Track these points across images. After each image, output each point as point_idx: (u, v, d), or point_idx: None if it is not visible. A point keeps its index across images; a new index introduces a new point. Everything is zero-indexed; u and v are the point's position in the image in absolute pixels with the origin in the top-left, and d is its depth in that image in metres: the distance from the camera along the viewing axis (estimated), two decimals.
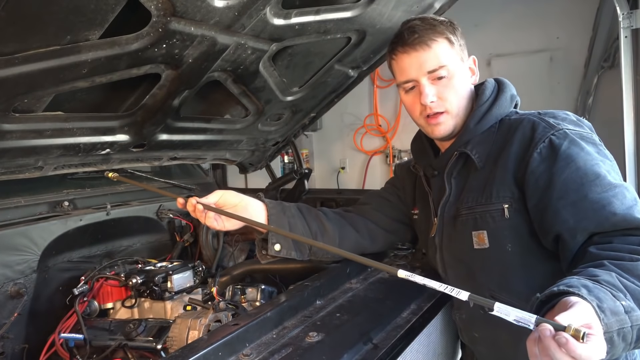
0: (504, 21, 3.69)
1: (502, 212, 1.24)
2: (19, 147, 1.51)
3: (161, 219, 2.25)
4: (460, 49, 1.34)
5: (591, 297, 0.85)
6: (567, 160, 1.15)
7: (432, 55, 1.29)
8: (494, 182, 1.26)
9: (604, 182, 1.11)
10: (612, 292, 0.90)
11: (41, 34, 1.12)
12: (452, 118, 1.33)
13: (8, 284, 1.64)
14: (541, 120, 1.24)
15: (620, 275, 0.95)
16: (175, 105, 1.74)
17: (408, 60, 1.31)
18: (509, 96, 1.36)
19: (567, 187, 1.13)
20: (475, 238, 1.30)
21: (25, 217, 1.81)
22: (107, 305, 1.76)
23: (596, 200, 1.09)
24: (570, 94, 3.56)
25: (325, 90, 2.31)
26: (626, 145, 2.66)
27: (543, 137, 1.20)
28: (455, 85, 1.32)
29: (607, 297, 0.88)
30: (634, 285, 0.94)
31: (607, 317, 0.84)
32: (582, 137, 1.20)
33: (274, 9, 1.47)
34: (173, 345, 1.43)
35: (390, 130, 4.46)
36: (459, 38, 1.34)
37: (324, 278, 1.50)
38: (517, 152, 1.23)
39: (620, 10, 2.62)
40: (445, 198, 1.39)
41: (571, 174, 1.14)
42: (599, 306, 0.84)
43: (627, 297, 0.91)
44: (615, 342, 0.86)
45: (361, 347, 1.18)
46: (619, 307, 0.88)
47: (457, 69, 1.32)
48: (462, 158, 1.36)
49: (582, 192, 1.11)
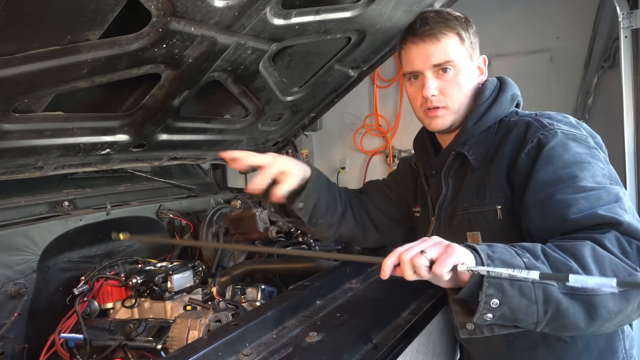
0: (504, 21, 3.69)
1: (495, 213, 1.23)
2: (19, 147, 1.51)
3: (161, 219, 2.24)
4: (470, 47, 1.33)
5: (486, 249, 0.94)
6: (548, 160, 1.14)
7: (440, 49, 1.28)
8: (488, 183, 1.25)
9: (577, 185, 1.08)
10: (517, 251, 0.96)
11: (41, 34, 1.12)
12: (452, 114, 1.33)
13: (8, 284, 1.64)
14: (535, 121, 1.23)
15: (549, 248, 0.98)
16: (175, 105, 1.74)
17: (416, 51, 1.31)
18: (509, 96, 1.35)
19: (540, 186, 1.12)
20: (470, 239, 1.29)
21: (25, 217, 1.81)
22: (107, 305, 1.75)
23: (562, 200, 1.08)
24: (570, 94, 3.56)
25: (325, 90, 2.31)
26: (626, 145, 2.66)
27: (532, 137, 1.19)
28: (460, 82, 1.31)
29: (506, 252, 0.95)
30: (558, 255, 0.95)
31: (493, 264, 0.92)
32: (574, 138, 1.18)
33: (274, 9, 1.47)
34: (173, 345, 1.43)
35: (390, 130, 4.46)
36: (471, 35, 1.33)
37: (324, 278, 1.50)
38: (510, 153, 1.23)
39: (620, 10, 2.62)
40: (442, 197, 1.39)
41: (547, 174, 1.13)
42: (489, 255, 0.93)
43: (539, 261, 0.94)
44: (507, 291, 0.91)
45: (361, 347, 1.19)
46: (517, 261, 0.93)
47: (463, 66, 1.31)
48: (459, 158, 1.36)
49: (552, 191, 1.10)
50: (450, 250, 0.92)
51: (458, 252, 0.92)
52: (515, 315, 0.94)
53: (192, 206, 2.43)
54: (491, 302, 0.91)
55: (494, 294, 0.91)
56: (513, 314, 0.94)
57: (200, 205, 2.48)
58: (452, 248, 0.93)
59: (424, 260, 0.92)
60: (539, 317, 0.94)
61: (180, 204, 2.38)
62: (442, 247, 0.93)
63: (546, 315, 0.94)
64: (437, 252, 0.92)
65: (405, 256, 0.93)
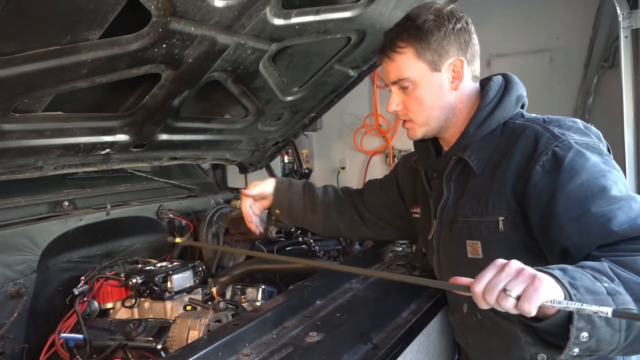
0: (504, 21, 3.69)
1: (496, 224, 1.20)
2: (19, 147, 1.51)
3: (161, 219, 2.24)
4: (434, 54, 1.25)
5: (564, 276, 0.86)
6: (571, 173, 1.10)
7: (394, 67, 1.28)
8: (491, 191, 1.22)
9: (608, 195, 1.06)
10: (594, 275, 0.90)
11: (41, 34, 1.12)
12: (419, 127, 1.33)
13: (8, 284, 1.64)
14: (545, 130, 1.18)
15: (614, 266, 0.94)
16: (175, 105, 1.74)
17: (383, 66, 1.33)
18: (514, 97, 1.29)
19: (570, 201, 1.08)
20: (469, 247, 1.26)
21: (25, 217, 1.81)
22: (107, 305, 1.75)
23: (601, 214, 1.05)
24: (570, 94, 3.56)
25: (325, 90, 2.31)
26: (626, 145, 2.67)
27: (546, 149, 1.14)
28: (420, 97, 1.28)
29: (584, 277, 0.88)
30: (628, 275, 0.92)
31: (580, 294, 0.84)
32: (587, 147, 1.14)
33: (274, 9, 1.47)
34: (173, 345, 1.42)
35: (390, 130, 4.46)
36: (438, 40, 1.24)
37: (324, 278, 1.50)
38: (519, 163, 1.17)
39: (620, 10, 2.62)
40: (443, 201, 1.36)
41: (575, 187, 1.09)
42: (571, 283, 0.85)
43: (615, 283, 0.90)
44: (596, 323, 0.85)
45: (361, 347, 1.19)
46: (598, 287, 0.87)
47: (422, 80, 1.26)
48: (461, 162, 1.32)
49: (586, 206, 1.07)
50: (538, 283, 0.83)
51: (545, 285, 0.83)
52: (600, 346, 0.88)
53: (192, 206, 2.43)
54: (581, 337, 0.86)
55: (584, 327, 0.85)
56: (598, 345, 0.88)
57: (200, 205, 2.48)
58: (539, 280, 0.83)
59: (511, 301, 0.83)
60: (619, 344, 0.89)
61: (180, 204, 2.38)
62: (528, 280, 0.84)
63: (626, 341, 0.90)
64: (522, 288, 0.83)
65: (490, 299, 0.85)
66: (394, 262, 1.79)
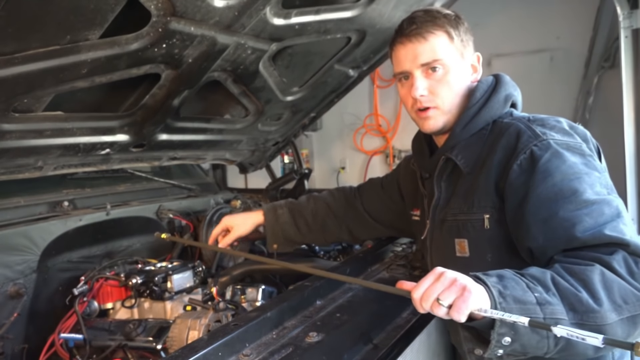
0: (504, 21, 3.69)
1: (482, 222, 1.20)
2: (19, 147, 1.51)
3: (161, 219, 2.24)
4: (461, 44, 1.28)
5: (497, 284, 0.93)
6: (545, 174, 1.10)
7: (428, 48, 1.25)
8: (477, 190, 1.22)
9: (579, 199, 1.06)
10: (530, 284, 0.94)
11: (41, 34, 1.12)
12: (443, 114, 1.29)
13: (8, 284, 1.64)
14: (527, 128, 1.18)
15: (559, 274, 0.96)
16: (175, 105, 1.74)
17: (404, 52, 1.28)
18: (502, 97, 1.28)
19: (540, 203, 1.09)
20: (457, 246, 1.27)
21: (25, 217, 1.81)
22: (107, 306, 1.76)
23: (567, 218, 1.05)
24: (570, 94, 3.56)
25: (325, 90, 2.31)
26: (626, 145, 2.66)
27: (525, 148, 1.14)
28: (450, 81, 1.27)
29: (517, 287, 0.93)
30: (568, 285, 0.94)
31: (506, 303, 0.90)
32: (568, 148, 1.14)
33: (274, 8, 1.47)
34: (173, 345, 1.43)
35: (390, 130, 4.46)
36: (462, 33, 1.28)
37: (324, 278, 1.50)
38: (501, 160, 1.18)
39: (621, 10, 2.62)
40: (435, 201, 1.36)
41: (546, 189, 1.09)
42: (500, 292, 0.91)
43: (550, 293, 0.93)
44: (519, 330, 0.90)
45: (361, 347, 1.18)
46: (529, 297, 0.92)
47: (453, 65, 1.27)
48: (450, 162, 1.31)
49: (554, 209, 1.07)
50: (467, 295, 0.90)
51: (474, 296, 0.90)
52: (526, 349, 0.94)
53: (192, 206, 2.43)
54: (503, 340, 0.92)
55: (506, 333, 0.91)
56: (524, 349, 0.94)
57: (200, 205, 2.48)
58: (468, 292, 0.90)
59: (443, 310, 0.92)
60: (549, 349, 0.94)
61: (180, 204, 2.38)
62: (458, 291, 0.91)
63: (557, 347, 0.94)
64: (452, 298, 0.91)
65: (425, 305, 0.94)
66: (394, 262, 1.79)
